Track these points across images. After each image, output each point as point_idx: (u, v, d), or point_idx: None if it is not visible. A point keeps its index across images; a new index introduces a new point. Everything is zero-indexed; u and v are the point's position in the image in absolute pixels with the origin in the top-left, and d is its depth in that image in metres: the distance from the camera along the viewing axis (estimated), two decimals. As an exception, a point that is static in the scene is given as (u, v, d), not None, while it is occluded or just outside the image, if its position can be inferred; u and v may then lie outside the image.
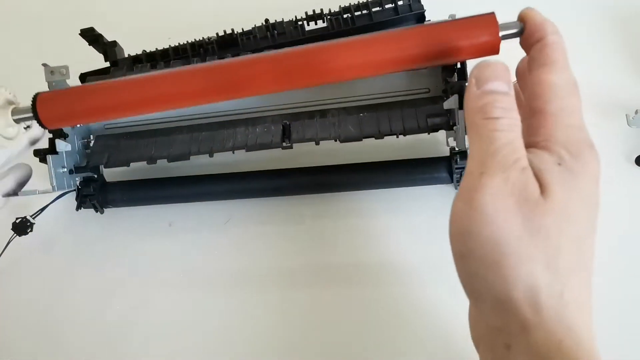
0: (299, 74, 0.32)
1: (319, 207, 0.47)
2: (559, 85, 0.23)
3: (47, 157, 0.44)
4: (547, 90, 0.23)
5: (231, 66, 0.32)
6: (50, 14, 0.59)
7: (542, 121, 0.23)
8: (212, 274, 0.47)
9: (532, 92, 0.24)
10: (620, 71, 0.47)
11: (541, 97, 0.23)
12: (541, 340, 0.20)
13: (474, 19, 0.30)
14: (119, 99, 0.34)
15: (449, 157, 0.44)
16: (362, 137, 0.42)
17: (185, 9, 0.57)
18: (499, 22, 0.29)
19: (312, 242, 0.46)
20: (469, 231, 0.21)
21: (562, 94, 0.23)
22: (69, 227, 0.51)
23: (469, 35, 0.29)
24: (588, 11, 0.50)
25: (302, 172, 0.46)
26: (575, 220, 0.21)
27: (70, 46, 0.49)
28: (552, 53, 0.24)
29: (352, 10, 0.44)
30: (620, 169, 0.45)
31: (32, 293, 0.49)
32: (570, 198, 0.21)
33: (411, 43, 0.29)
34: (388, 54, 0.30)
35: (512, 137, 0.22)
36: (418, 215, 0.46)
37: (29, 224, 0.47)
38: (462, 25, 0.30)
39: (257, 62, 0.32)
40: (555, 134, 0.23)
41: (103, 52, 0.48)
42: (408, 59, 0.30)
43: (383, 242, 0.45)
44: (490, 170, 0.21)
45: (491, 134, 0.22)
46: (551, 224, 0.20)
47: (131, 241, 0.50)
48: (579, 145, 0.22)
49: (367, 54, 0.30)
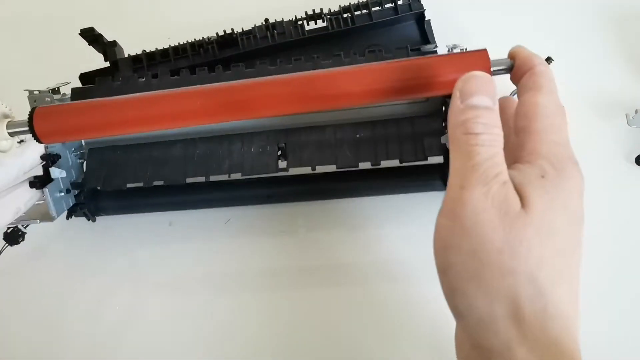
0: (303, 99, 0.33)
1: (314, 214, 0.47)
2: (545, 105, 0.24)
3: (44, 190, 0.42)
4: (534, 109, 0.24)
5: (222, 91, 0.33)
6: (50, 14, 0.59)
7: (527, 138, 0.24)
8: (207, 280, 0.46)
9: (519, 113, 0.25)
10: (620, 71, 0.47)
11: (528, 116, 0.24)
12: (525, 356, 0.20)
13: (467, 55, 0.32)
14: (116, 117, 0.34)
15: (443, 165, 0.43)
16: (359, 164, 0.41)
17: (185, 8, 0.57)
18: (490, 59, 0.31)
19: (307, 248, 0.46)
20: (450, 245, 0.21)
21: (548, 114, 0.24)
22: (61, 236, 0.50)
23: (462, 70, 0.29)
24: (588, 11, 0.50)
25: (297, 180, 0.45)
26: (557, 233, 0.21)
27: (69, 46, 0.49)
28: (540, 79, 0.26)
29: (351, 9, 0.44)
30: (620, 169, 0.45)
31: (24, 303, 0.48)
32: (553, 211, 0.21)
33: (404, 75, 0.31)
34: (382, 84, 0.32)
35: (493, 152, 0.22)
36: (412, 222, 0.46)
37: (20, 233, 0.46)
38: (455, 60, 0.32)
39: (258, 87, 0.34)
40: (540, 148, 0.23)
41: (103, 52, 0.48)
42: (401, 90, 0.32)
43: (377, 248, 0.45)
44: (470, 184, 0.21)
45: (472, 149, 0.22)
46: (532, 237, 0.20)
47: (123, 249, 0.49)
48: (562, 160, 0.22)
49: (363, 83, 0.32)
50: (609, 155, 0.45)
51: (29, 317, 0.48)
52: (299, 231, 0.47)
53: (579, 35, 0.49)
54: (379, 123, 0.43)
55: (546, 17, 0.50)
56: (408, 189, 0.45)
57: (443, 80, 0.31)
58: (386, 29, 0.46)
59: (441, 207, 0.23)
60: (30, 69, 0.45)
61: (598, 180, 0.45)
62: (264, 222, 0.48)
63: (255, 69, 0.43)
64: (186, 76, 0.44)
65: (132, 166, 0.45)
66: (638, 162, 0.44)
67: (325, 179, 0.45)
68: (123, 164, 0.45)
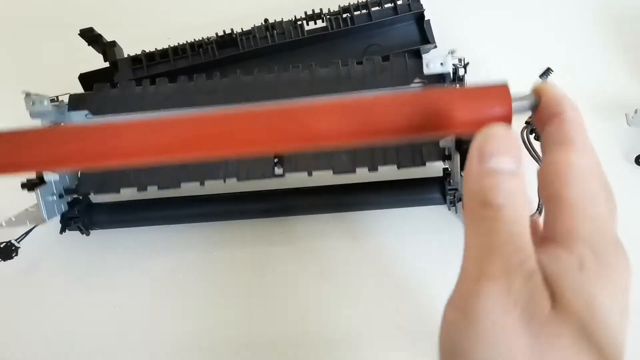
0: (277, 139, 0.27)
1: (311, 228, 0.47)
2: (580, 166, 0.20)
3: (36, 192, 0.42)
4: (567, 172, 0.19)
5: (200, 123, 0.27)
6: (50, 15, 0.59)
7: (559, 210, 0.19)
8: (201, 295, 0.46)
9: (547, 175, 0.20)
10: (619, 71, 0.47)
11: (559, 180, 0.19)
12: None
13: (484, 91, 0.25)
14: (72, 148, 0.28)
15: (442, 178, 0.43)
16: (355, 169, 0.41)
17: (185, 8, 0.57)
18: (512, 95, 0.25)
19: (303, 261, 0.46)
20: (463, 349, 0.17)
21: (586, 178, 0.19)
22: (55, 251, 0.50)
23: (478, 108, 0.25)
24: (587, 11, 0.50)
25: (292, 194, 0.45)
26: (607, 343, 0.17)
27: (69, 46, 0.49)
28: (572, 130, 0.21)
29: (351, 9, 0.44)
30: (620, 169, 0.45)
31: (17, 319, 0.48)
32: (602, 315, 0.17)
33: (412, 110, 0.25)
34: (387, 122, 0.26)
35: (518, 231, 0.18)
36: (411, 236, 0.45)
37: (13, 248, 0.46)
38: (471, 96, 0.25)
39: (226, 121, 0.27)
40: (578, 228, 0.18)
41: (102, 52, 0.48)
42: (407, 128, 0.25)
43: (374, 262, 0.44)
44: (489, 274, 0.17)
45: (492, 225, 0.18)
46: (566, 344, 0.16)
47: (118, 263, 0.49)
48: (606, 243, 0.18)
49: (364, 121, 0.26)
50: (609, 155, 0.45)
51: (24, 332, 0.48)
52: (296, 242, 0.47)
53: (578, 36, 0.49)
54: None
55: (546, 18, 0.50)
56: (407, 203, 0.45)
57: (454, 121, 0.25)
58: (386, 29, 0.46)
59: (451, 296, 0.19)
60: (29, 69, 0.44)
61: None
62: (257, 238, 0.47)
63: (252, 77, 0.43)
64: (184, 84, 0.44)
65: (126, 172, 0.44)
66: (638, 162, 0.44)
67: (320, 193, 0.45)
68: (117, 170, 0.45)
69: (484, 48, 0.49)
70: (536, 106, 0.25)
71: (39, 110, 0.42)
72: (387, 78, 0.41)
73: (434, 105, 0.25)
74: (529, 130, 0.40)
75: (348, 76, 0.42)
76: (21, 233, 0.47)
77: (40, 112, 0.42)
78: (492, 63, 0.48)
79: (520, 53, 0.40)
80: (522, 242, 0.18)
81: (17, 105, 0.55)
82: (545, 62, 0.41)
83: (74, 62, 0.47)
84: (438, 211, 0.46)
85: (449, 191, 0.42)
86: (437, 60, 0.38)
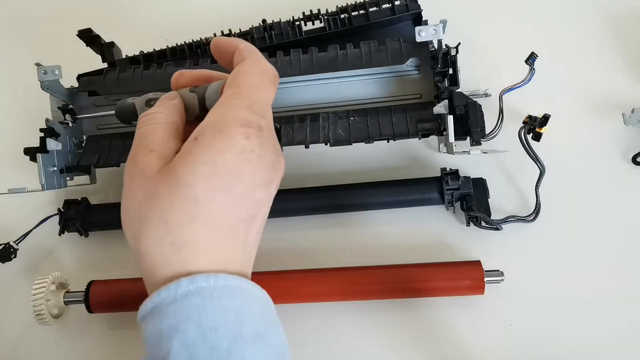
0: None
1: (311, 228, 0.47)
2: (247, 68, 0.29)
3: (37, 156, 0.43)
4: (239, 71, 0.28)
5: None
6: (49, 15, 0.59)
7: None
8: None
9: (231, 77, 0.29)
10: (616, 71, 0.48)
11: (234, 75, 0.28)
12: (162, 271, 0.24)
13: (461, 265, 0.41)
14: None
15: (440, 178, 0.44)
16: (352, 142, 0.42)
17: (183, 10, 0.57)
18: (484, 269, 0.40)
19: (301, 262, 0.46)
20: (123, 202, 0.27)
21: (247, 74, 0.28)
22: (53, 253, 0.50)
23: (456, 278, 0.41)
24: (584, 11, 0.50)
25: (291, 195, 0.45)
26: (188, 184, 0.24)
27: (68, 47, 0.49)
28: (245, 52, 0.29)
29: (349, 10, 0.44)
30: (618, 168, 0.45)
31: (17, 320, 0.48)
32: (187, 167, 0.24)
33: (397, 279, 0.41)
34: (375, 286, 0.42)
35: (148, 130, 0.27)
36: (410, 236, 0.45)
37: (12, 249, 0.46)
38: (449, 270, 0.41)
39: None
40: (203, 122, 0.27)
41: (101, 53, 0.48)
42: (394, 292, 0.42)
43: (373, 262, 0.44)
44: (130, 154, 0.27)
45: (137, 131, 0.28)
46: (164, 190, 0.24)
47: (116, 265, 0.48)
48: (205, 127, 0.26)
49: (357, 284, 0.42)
50: (606, 154, 0.45)
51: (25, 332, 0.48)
52: (294, 243, 0.47)
53: (576, 36, 0.49)
54: (373, 109, 0.44)
55: (543, 18, 0.50)
56: (405, 204, 0.45)
57: (435, 287, 0.41)
58: (383, 30, 0.46)
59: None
60: (29, 69, 0.44)
61: (595, 179, 0.45)
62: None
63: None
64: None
65: (127, 149, 0.45)
66: (635, 161, 0.44)
67: (318, 193, 0.46)
68: (118, 148, 0.46)
69: (483, 47, 0.49)
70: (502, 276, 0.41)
71: (50, 80, 0.44)
72: (383, 57, 0.42)
73: (418, 275, 0.41)
74: (526, 130, 0.40)
75: (346, 56, 0.43)
76: (20, 234, 0.47)
77: (51, 83, 0.44)
78: (490, 62, 0.49)
79: (519, 53, 0.41)
80: (151, 138, 0.27)
81: (17, 105, 0.56)
82: (544, 61, 0.41)
83: (73, 62, 0.47)
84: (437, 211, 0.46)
85: (447, 191, 0.43)
86: (429, 28, 0.39)
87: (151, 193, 0.25)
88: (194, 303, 0.23)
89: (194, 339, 0.22)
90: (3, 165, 0.53)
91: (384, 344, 0.42)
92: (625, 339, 0.40)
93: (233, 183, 0.25)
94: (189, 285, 0.23)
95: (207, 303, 0.23)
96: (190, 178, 0.24)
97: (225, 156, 0.25)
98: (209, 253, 0.25)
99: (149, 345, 0.23)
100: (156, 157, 0.26)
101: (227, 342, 0.22)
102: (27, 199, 0.50)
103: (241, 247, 0.26)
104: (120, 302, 0.43)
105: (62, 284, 0.46)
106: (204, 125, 0.26)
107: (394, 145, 0.46)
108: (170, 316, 0.23)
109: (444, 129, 0.41)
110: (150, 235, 0.24)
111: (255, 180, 0.26)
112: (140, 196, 0.25)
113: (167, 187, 0.25)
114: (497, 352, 0.41)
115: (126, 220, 0.26)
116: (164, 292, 0.23)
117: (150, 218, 0.25)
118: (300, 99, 0.47)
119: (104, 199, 0.50)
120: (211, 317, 0.23)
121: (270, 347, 0.24)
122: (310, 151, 0.44)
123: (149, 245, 0.25)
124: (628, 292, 0.41)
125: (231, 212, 0.25)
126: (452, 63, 0.42)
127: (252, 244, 0.27)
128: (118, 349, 0.46)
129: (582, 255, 0.43)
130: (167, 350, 0.22)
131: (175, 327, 0.23)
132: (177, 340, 0.22)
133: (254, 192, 0.26)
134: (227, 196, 0.25)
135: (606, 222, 0.44)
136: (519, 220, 0.43)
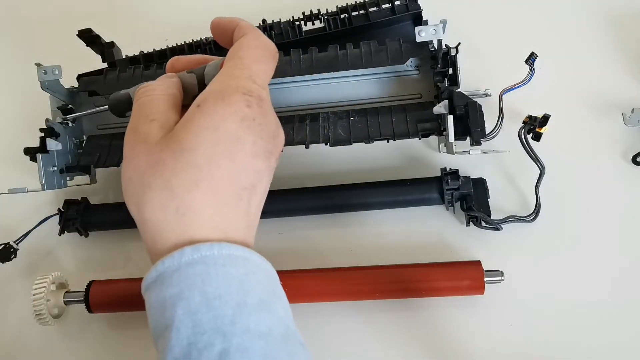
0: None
1: (310, 228, 0.47)
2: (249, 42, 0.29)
3: (37, 156, 0.43)
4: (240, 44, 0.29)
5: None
6: (49, 15, 0.59)
7: None
8: None
9: (232, 50, 0.29)
10: (616, 71, 0.47)
11: (235, 47, 0.29)
12: (166, 239, 0.24)
13: (461, 265, 0.41)
14: None
15: (440, 178, 0.44)
16: (352, 142, 0.42)
17: (182, 10, 0.57)
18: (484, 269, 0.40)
19: (300, 262, 0.46)
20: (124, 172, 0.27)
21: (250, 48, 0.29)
22: (53, 253, 0.50)
23: (457, 279, 0.41)
24: (584, 11, 0.50)
25: (291, 195, 0.46)
26: (191, 149, 0.24)
27: (68, 47, 0.49)
28: (245, 29, 0.30)
29: (349, 10, 0.44)
30: (618, 168, 0.45)
31: (16, 321, 0.48)
32: (191, 132, 0.25)
33: (400, 279, 0.41)
34: (375, 286, 0.42)
35: (148, 101, 0.27)
36: (410, 236, 0.45)
37: (12, 249, 0.46)
38: (450, 269, 0.41)
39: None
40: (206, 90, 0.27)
41: (100, 53, 0.48)
42: (397, 292, 0.42)
43: (372, 262, 0.44)
44: (129, 126, 0.27)
45: (136, 102, 0.28)
46: (167, 157, 0.24)
47: (116, 265, 0.48)
48: (207, 94, 0.26)
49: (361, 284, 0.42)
50: (606, 154, 0.45)
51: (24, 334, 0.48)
52: (294, 244, 0.47)
53: (576, 35, 0.49)
54: (373, 109, 0.44)
55: (543, 17, 0.50)
56: (405, 204, 0.45)
57: (435, 287, 0.41)
58: (383, 30, 0.46)
59: None
60: (29, 69, 0.44)
61: (595, 179, 0.45)
62: (257, 234, 0.47)
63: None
64: None
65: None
66: (635, 161, 0.44)
67: (318, 193, 0.46)
68: (119, 148, 0.46)
69: (483, 47, 0.49)
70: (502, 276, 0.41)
71: (50, 80, 0.44)
72: (383, 57, 0.42)
73: (421, 275, 0.41)
74: (526, 130, 0.40)
75: (346, 56, 0.43)
76: (20, 234, 0.47)
77: (51, 83, 0.44)
78: (490, 62, 0.49)
79: (519, 53, 0.41)
80: (152, 108, 0.27)
81: (17, 105, 0.56)
82: (543, 61, 0.41)
83: (73, 62, 0.47)
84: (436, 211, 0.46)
85: (447, 191, 0.43)
86: (429, 28, 0.39)
87: (154, 160, 0.25)
88: (198, 271, 0.23)
89: (198, 307, 0.22)
90: (3, 165, 0.53)
91: (384, 343, 0.43)
92: (625, 339, 0.40)
93: (235, 150, 0.25)
94: (193, 254, 0.23)
95: (211, 271, 0.23)
96: (193, 143, 0.24)
97: (227, 122, 0.25)
98: (212, 219, 0.25)
99: (153, 314, 0.23)
100: (157, 126, 0.26)
101: (231, 310, 0.22)
102: (27, 199, 0.50)
103: (244, 215, 0.26)
104: (120, 302, 0.43)
105: (62, 284, 0.46)
106: (207, 93, 0.26)
107: (394, 145, 0.46)
108: (174, 284, 0.23)
109: (444, 129, 0.41)
110: (154, 202, 0.24)
111: (256, 149, 0.26)
112: (143, 164, 0.25)
113: (172, 152, 0.25)
114: (497, 352, 0.41)
115: (129, 189, 0.26)
116: (168, 260, 0.23)
117: (154, 185, 0.25)
118: (300, 99, 0.47)
119: (104, 199, 0.50)
120: (215, 284, 0.23)
121: (275, 316, 0.24)
122: (310, 151, 0.44)
123: (152, 211, 0.25)
124: (628, 292, 0.41)
125: (234, 179, 0.25)
126: (452, 63, 0.42)
127: (254, 214, 0.27)
128: (118, 349, 0.46)
129: (582, 255, 0.43)
130: (170, 317, 0.22)
131: (179, 294, 0.23)
132: (180, 307, 0.22)
133: (255, 160, 0.26)
134: (229, 162, 0.25)
135: (606, 222, 0.44)
136: (519, 220, 0.43)
